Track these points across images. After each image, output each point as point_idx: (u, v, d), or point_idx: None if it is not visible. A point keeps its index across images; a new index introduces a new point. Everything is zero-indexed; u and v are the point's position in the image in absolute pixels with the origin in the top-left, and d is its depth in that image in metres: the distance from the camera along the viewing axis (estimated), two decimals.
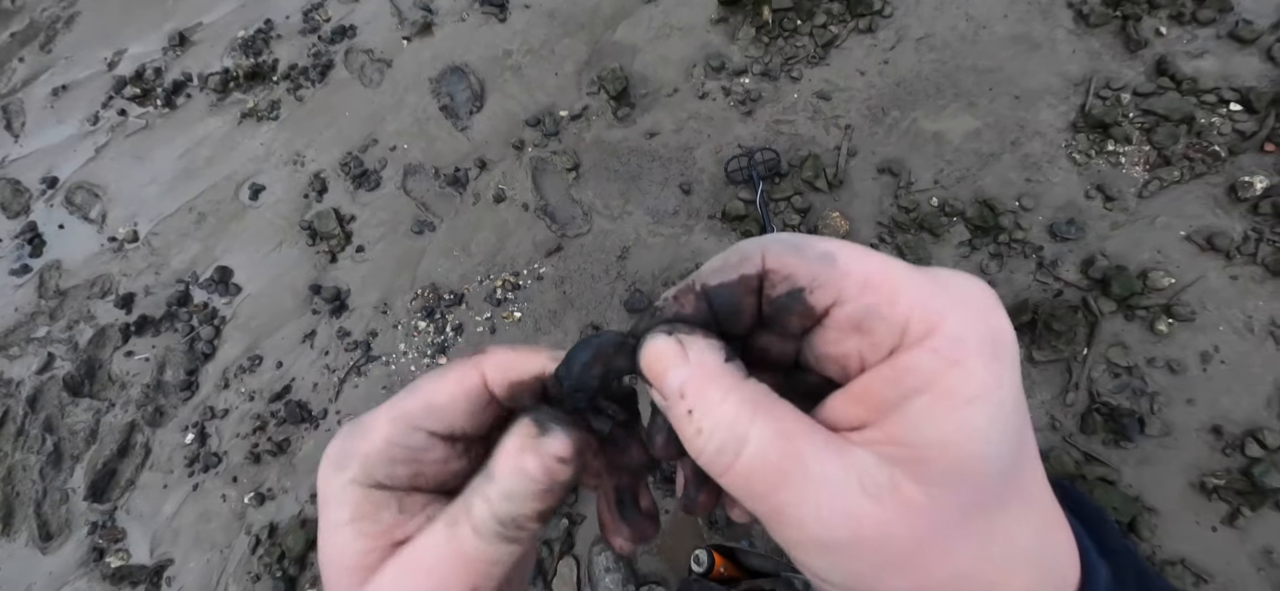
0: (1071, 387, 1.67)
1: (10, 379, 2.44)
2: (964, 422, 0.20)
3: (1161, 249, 1.76)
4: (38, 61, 3.18)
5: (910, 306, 0.21)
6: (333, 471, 0.28)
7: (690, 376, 0.23)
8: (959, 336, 0.20)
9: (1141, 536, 1.50)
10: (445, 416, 0.28)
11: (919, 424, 0.20)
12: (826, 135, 2.14)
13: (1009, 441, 0.21)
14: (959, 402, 0.20)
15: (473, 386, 0.28)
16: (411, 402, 0.28)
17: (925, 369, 0.20)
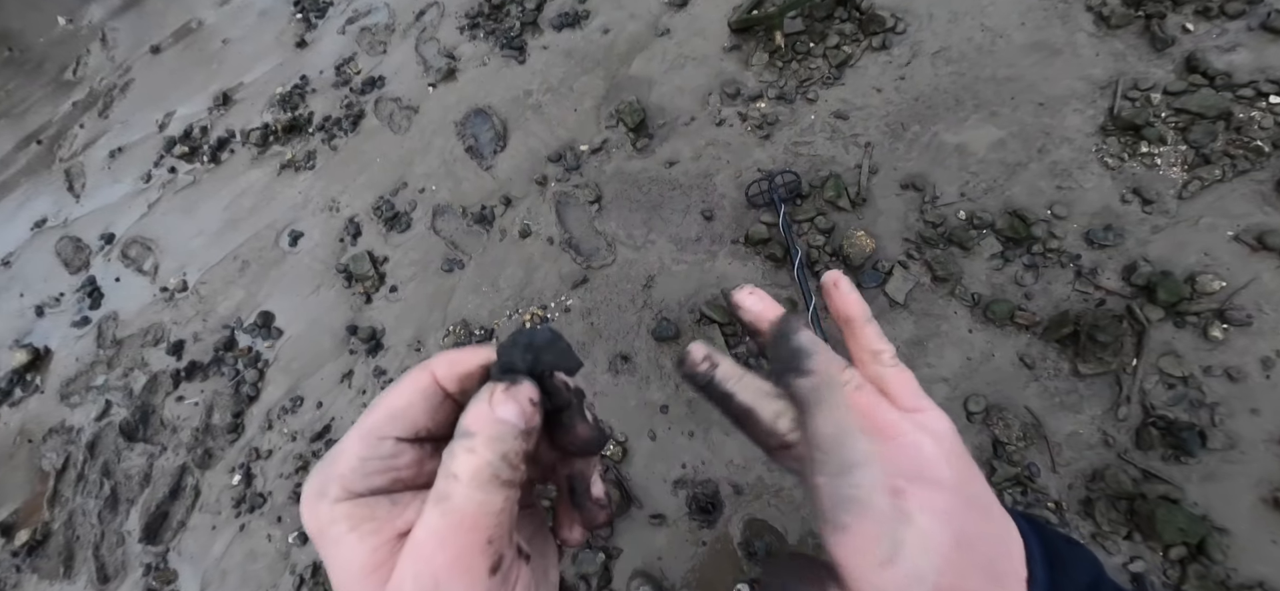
0: (1122, 401, 1.50)
1: (72, 426, 2.43)
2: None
3: (1209, 251, 1.59)
4: (96, 126, 3.23)
5: None
6: (316, 500, 0.28)
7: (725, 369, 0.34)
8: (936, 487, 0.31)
9: (1214, 559, 1.33)
10: (407, 419, 0.29)
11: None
12: (846, 154, 2.02)
13: None
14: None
15: (426, 386, 0.29)
16: (374, 416, 0.29)
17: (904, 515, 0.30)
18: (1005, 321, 1.65)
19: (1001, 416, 1.57)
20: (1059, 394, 1.56)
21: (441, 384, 0.30)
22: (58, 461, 2.38)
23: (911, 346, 1.70)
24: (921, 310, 1.74)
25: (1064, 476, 1.48)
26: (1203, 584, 1.32)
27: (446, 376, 0.30)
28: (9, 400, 2.58)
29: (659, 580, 1.65)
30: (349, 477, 0.27)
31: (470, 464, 0.25)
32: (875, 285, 1.80)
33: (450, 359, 0.31)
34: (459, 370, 0.30)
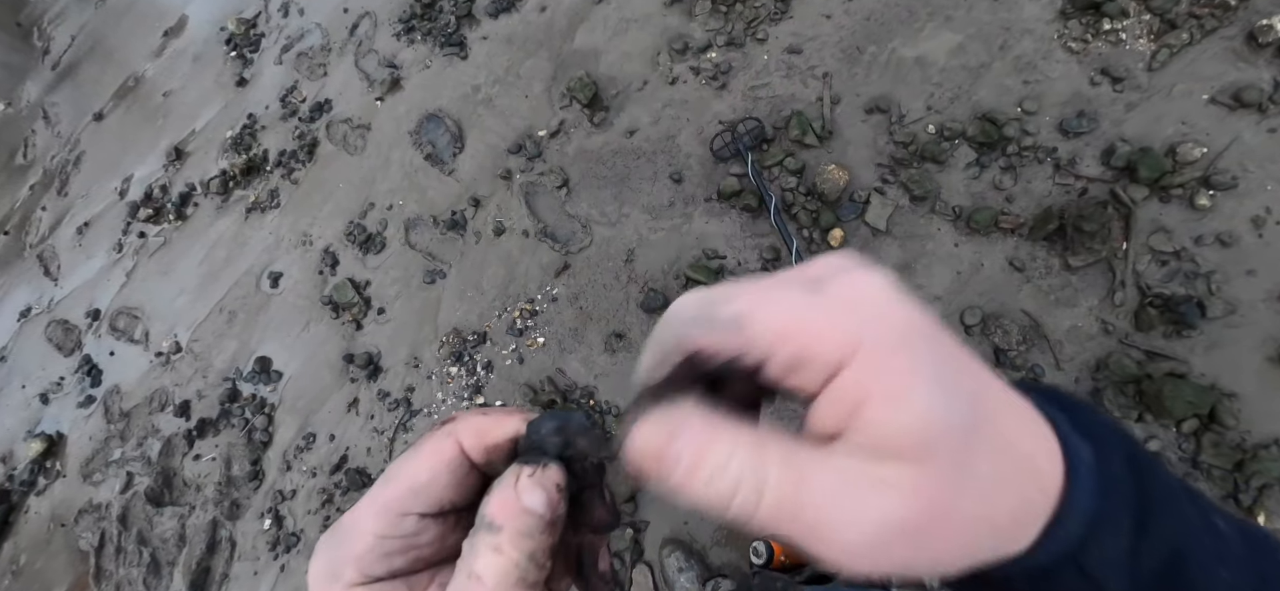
0: (1117, 287, 1.32)
1: (99, 503, 2.19)
2: (912, 409, 0.18)
3: (1186, 119, 1.38)
4: (58, 206, 2.84)
5: (828, 344, 0.19)
6: (327, 585, 0.23)
7: (691, 443, 0.19)
8: (877, 346, 0.19)
9: (1226, 425, 1.18)
10: (431, 495, 0.23)
11: (875, 424, 0.19)
12: (805, 89, 1.76)
13: (956, 398, 0.19)
14: (897, 399, 0.18)
15: (451, 457, 0.24)
16: (393, 490, 0.23)
17: (861, 385, 0.19)
18: (989, 228, 1.45)
19: (999, 324, 1.38)
20: (1053, 291, 1.37)
21: (468, 454, 0.24)
22: (94, 539, 2.15)
23: (899, 271, 1.50)
24: (904, 233, 1.52)
25: (1069, 371, 1.31)
26: (1218, 451, 1.18)
27: (474, 447, 0.24)
28: (35, 490, 2.32)
29: (688, 544, 1.50)
30: (366, 559, 0.22)
31: (496, 565, 0.21)
32: (854, 217, 1.58)
33: (477, 427, 0.24)
34: (487, 442, 0.24)
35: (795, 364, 0.19)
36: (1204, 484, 1.18)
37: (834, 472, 0.19)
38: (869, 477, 0.18)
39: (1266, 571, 0.23)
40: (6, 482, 2.36)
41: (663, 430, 0.20)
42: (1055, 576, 0.21)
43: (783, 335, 0.19)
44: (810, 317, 0.19)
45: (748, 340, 0.20)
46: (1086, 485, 0.21)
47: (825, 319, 0.19)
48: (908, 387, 0.18)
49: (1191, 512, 0.23)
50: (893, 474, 0.18)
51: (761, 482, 0.19)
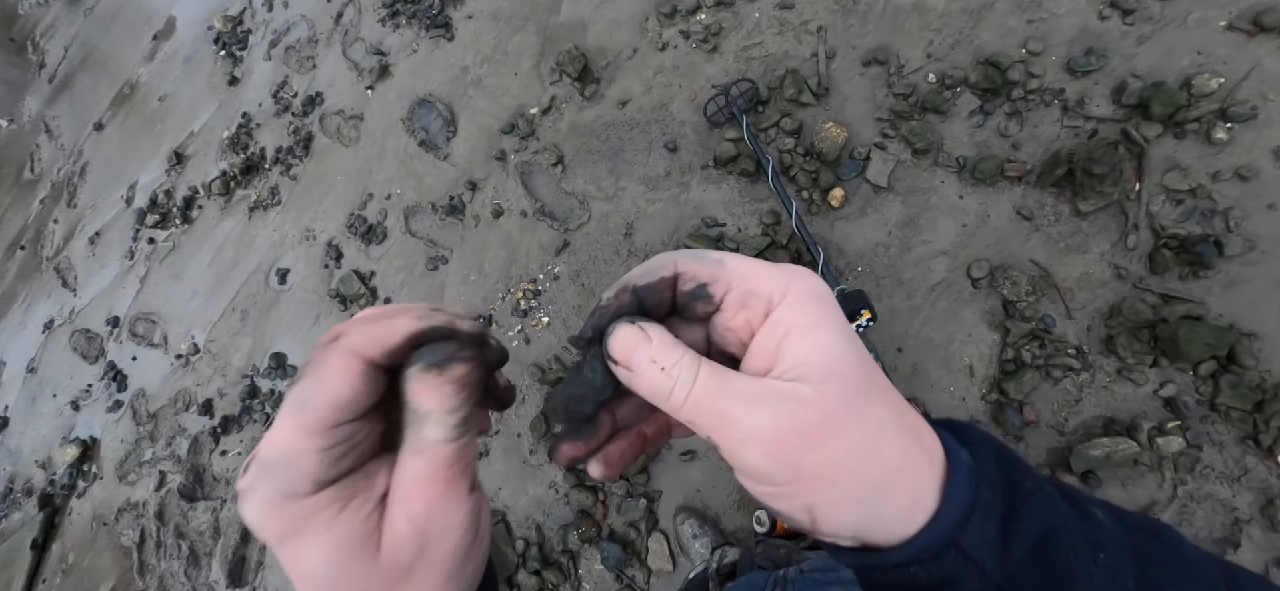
0: (1130, 229, 1.21)
1: (137, 501, 2.17)
2: (817, 340, 0.23)
3: (1202, 48, 1.24)
4: (69, 218, 2.73)
5: (771, 286, 0.25)
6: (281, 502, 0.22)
7: (657, 348, 0.25)
8: (800, 294, 0.24)
9: (1245, 365, 1.09)
10: (356, 405, 0.24)
11: (792, 351, 0.23)
12: (800, 45, 1.61)
13: (852, 349, 0.24)
14: (809, 330, 0.24)
15: (361, 368, 0.24)
16: (315, 410, 0.23)
17: (786, 319, 0.24)
18: (995, 178, 1.33)
19: (1007, 276, 1.28)
20: (1063, 238, 1.26)
21: (373, 362, 0.24)
22: (135, 536, 2.13)
23: (903, 228, 1.39)
24: (907, 188, 1.41)
25: (1081, 319, 1.22)
26: (1237, 392, 1.08)
27: (377, 354, 0.24)
28: (76, 493, 2.30)
29: (702, 511, 1.44)
30: (317, 471, 0.23)
31: (439, 431, 0.24)
32: (854, 176, 1.45)
33: (375, 337, 0.24)
34: (387, 346, 0.24)
35: (747, 298, 0.25)
36: (1222, 426, 1.09)
37: (750, 383, 0.24)
38: (777, 389, 0.23)
39: (1145, 551, 0.24)
40: (49, 487, 2.34)
41: (637, 332, 0.25)
42: (942, 556, 0.23)
43: (743, 275, 0.25)
44: (764, 270, 0.25)
45: (724, 273, 0.26)
46: (963, 477, 0.24)
47: (773, 273, 0.25)
48: (818, 325, 0.24)
49: (1062, 505, 0.25)
50: (797, 388, 0.23)
51: (693, 377, 0.24)
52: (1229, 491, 1.06)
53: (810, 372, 0.23)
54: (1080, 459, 1.12)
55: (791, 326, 0.24)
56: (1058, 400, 1.18)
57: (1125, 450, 1.10)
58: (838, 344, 0.23)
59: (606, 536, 1.44)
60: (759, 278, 0.25)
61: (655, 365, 0.24)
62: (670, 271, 0.26)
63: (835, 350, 0.23)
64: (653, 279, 0.26)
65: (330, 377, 0.23)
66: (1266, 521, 1.03)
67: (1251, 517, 1.04)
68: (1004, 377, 1.22)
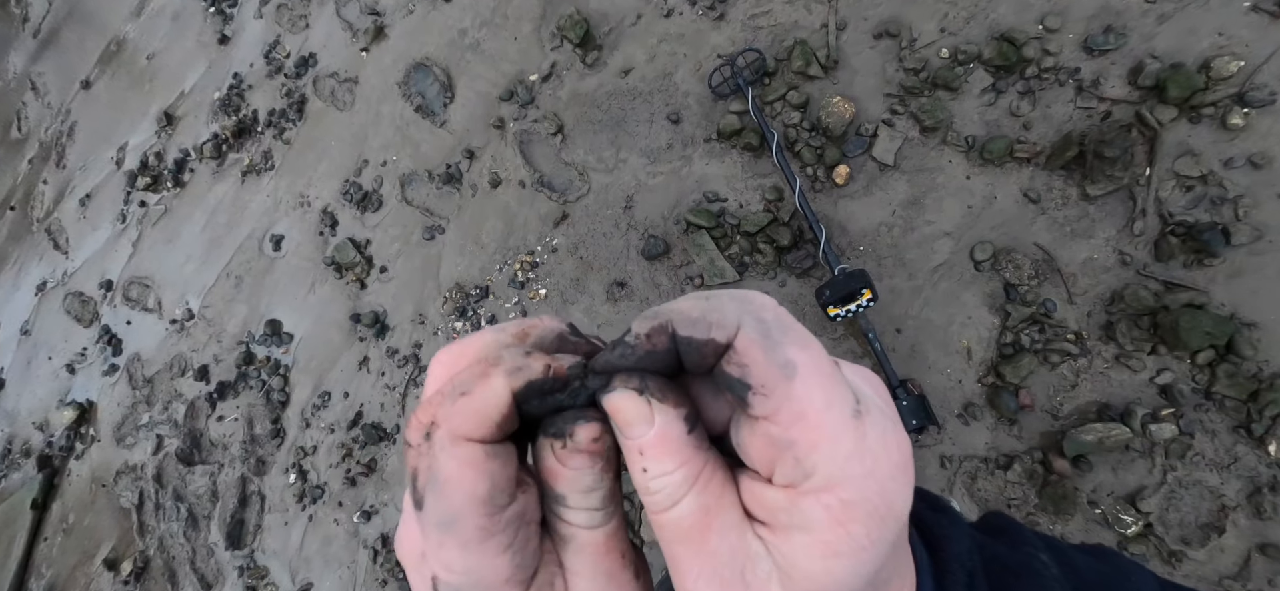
0: (1138, 215, 1.21)
1: (135, 464, 2.22)
2: (830, 569, 0.19)
3: (1223, 29, 1.22)
4: (58, 179, 2.73)
5: (822, 461, 0.18)
6: None
7: (653, 441, 0.20)
8: (851, 502, 0.18)
9: (1243, 355, 1.11)
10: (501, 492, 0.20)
11: (796, 552, 0.19)
12: (809, 15, 1.58)
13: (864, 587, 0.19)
14: (830, 554, 0.19)
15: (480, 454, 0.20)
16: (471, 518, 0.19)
17: (812, 517, 0.19)
18: (1004, 159, 1.33)
19: (1010, 259, 1.29)
20: (1069, 222, 1.27)
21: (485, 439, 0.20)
22: (134, 497, 2.19)
23: (908, 207, 1.40)
24: (913, 167, 1.41)
25: (1082, 305, 1.23)
26: (1233, 382, 1.11)
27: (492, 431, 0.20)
28: (74, 455, 2.36)
29: None
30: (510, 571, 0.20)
31: (581, 518, 0.21)
32: (860, 152, 1.45)
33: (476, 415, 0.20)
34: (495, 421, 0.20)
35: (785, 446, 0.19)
36: (1216, 415, 1.12)
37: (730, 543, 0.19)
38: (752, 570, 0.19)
39: None
40: (47, 449, 2.40)
41: (644, 409, 0.20)
42: None
43: (803, 414, 0.19)
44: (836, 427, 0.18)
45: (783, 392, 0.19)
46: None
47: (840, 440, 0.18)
48: (842, 554, 0.18)
49: None
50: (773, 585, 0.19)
51: (673, 503, 0.20)
52: (1218, 478, 1.09)
53: (798, 585, 0.19)
54: (1073, 443, 1.15)
55: (815, 532, 0.18)
56: (1054, 385, 1.21)
57: (1118, 435, 1.13)
58: (850, 582, 0.19)
59: None
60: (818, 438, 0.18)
61: (641, 460, 0.20)
62: (727, 334, 0.20)
63: (837, 587, 0.19)
64: (702, 335, 0.20)
65: (457, 481, 0.19)
66: (1253, 509, 1.06)
67: (1238, 505, 1.07)
68: (1001, 361, 1.25)
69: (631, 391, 0.20)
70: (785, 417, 0.18)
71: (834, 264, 1.31)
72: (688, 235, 1.59)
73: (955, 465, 1.24)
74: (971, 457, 1.24)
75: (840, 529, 0.18)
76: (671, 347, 0.20)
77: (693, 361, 0.20)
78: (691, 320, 0.20)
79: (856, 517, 0.18)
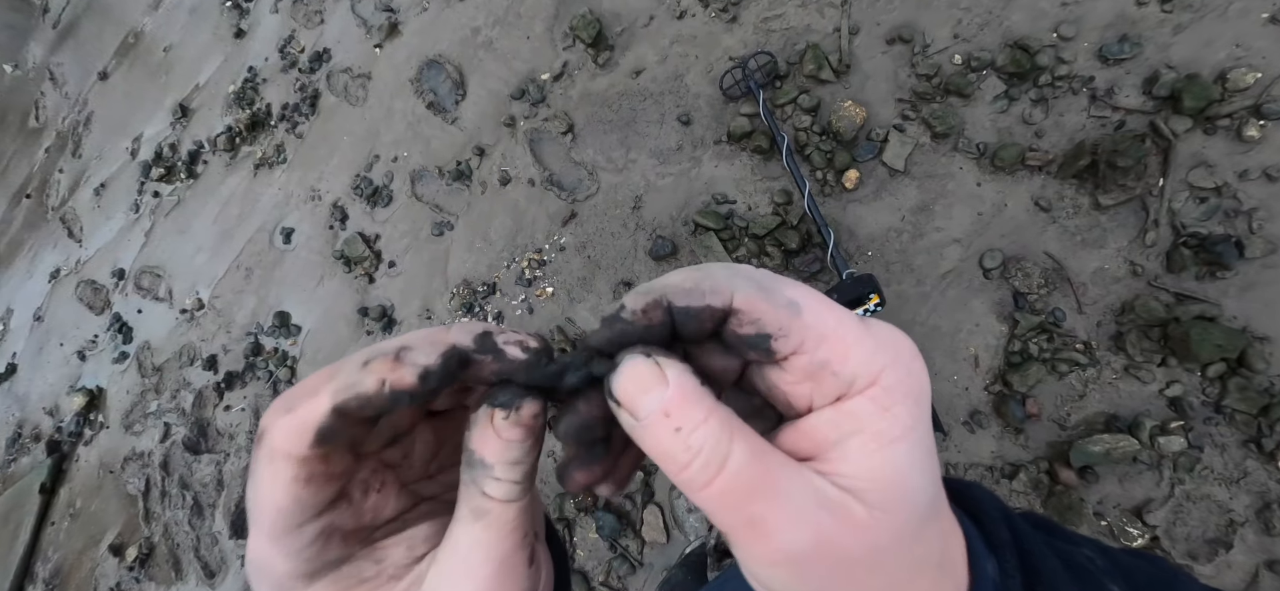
0: (1150, 226, 1.24)
1: (142, 451, 2.31)
2: (892, 458, 0.20)
3: (1240, 41, 1.25)
4: (74, 168, 2.85)
5: (857, 364, 0.20)
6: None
7: (673, 397, 0.20)
8: (890, 387, 0.20)
9: (1255, 369, 1.13)
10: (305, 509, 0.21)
11: (856, 458, 0.20)
12: (822, 19, 1.63)
13: (926, 474, 0.21)
14: (886, 442, 0.20)
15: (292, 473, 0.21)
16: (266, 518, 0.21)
17: (864, 415, 0.20)
18: (1015, 166, 1.36)
19: (1020, 267, 1.32)
20: (1080, 232, 1.30)
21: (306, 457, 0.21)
22: (140, 484, 2.28)
23: (917, 213, 1.43)
24: (924, 173, 1.44)
25: (1091, 315, 1.26)
26: (1244, 396, 1.13)
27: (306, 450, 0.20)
28: (83, 441, 2.45)
29: None
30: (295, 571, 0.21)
31: (501, 490, 0.21)
32: (871, 157, 1.49)
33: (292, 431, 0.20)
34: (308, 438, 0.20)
35: (820, 368, 0.20)
36: (1225, 429, 1.14)
37: (799, 480, 0.20)
38: (828, 498, 0.19)
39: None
40: (56, 434, 2.49)
41: (654, 370, 0.20)
42: None
43: (824, 335, 0.20)
44: (852, 335, 0.20)
45: (798, 325, 0.20)
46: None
47: (864, 345, 0.20)
48: (902, 437, 0.20)
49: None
50: (849, 504, 0.19)
51: (723, 458, 0.19)
52: (1227, 493, 1.11)
53: (871, 492, 0.19)
54: (1080, 453, 1.18)
55: (867, 428, 0.20)
56: (1062, 394, 1.24)
57: (1125, 447, 1.15)
58: (915, 467, 0.20)
59: (602, 506, 1.53)
60: (844, 347, 0.20)
61: (669, 422, 0.19)
62: (723, 299, 0.21)
63: (911, 476, 0.20)
64: (698, 303, 0.21)
65: (266, 489, 0.21)
66: (1262, 524, 1.08)
67: (1247, 520, 1.09)
68: (1009, 369, 1.27)
69: (637, 355, 0.20)
70: (811, 344, 0.20)
71: (842, 268, 1.35)
72: (696, 236, 1.63)
73: (960, 473, 1.27)
74: (977, 466, 1.27)
75: (887, 414, 0.20)
76: (666, 320, 0.21)
77: (691, 330, 0.21)
78: (686, 290, 0.21)
79: (897, 398, 0.20)
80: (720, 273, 0.21)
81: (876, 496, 0.19)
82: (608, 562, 1.51)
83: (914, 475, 0.20)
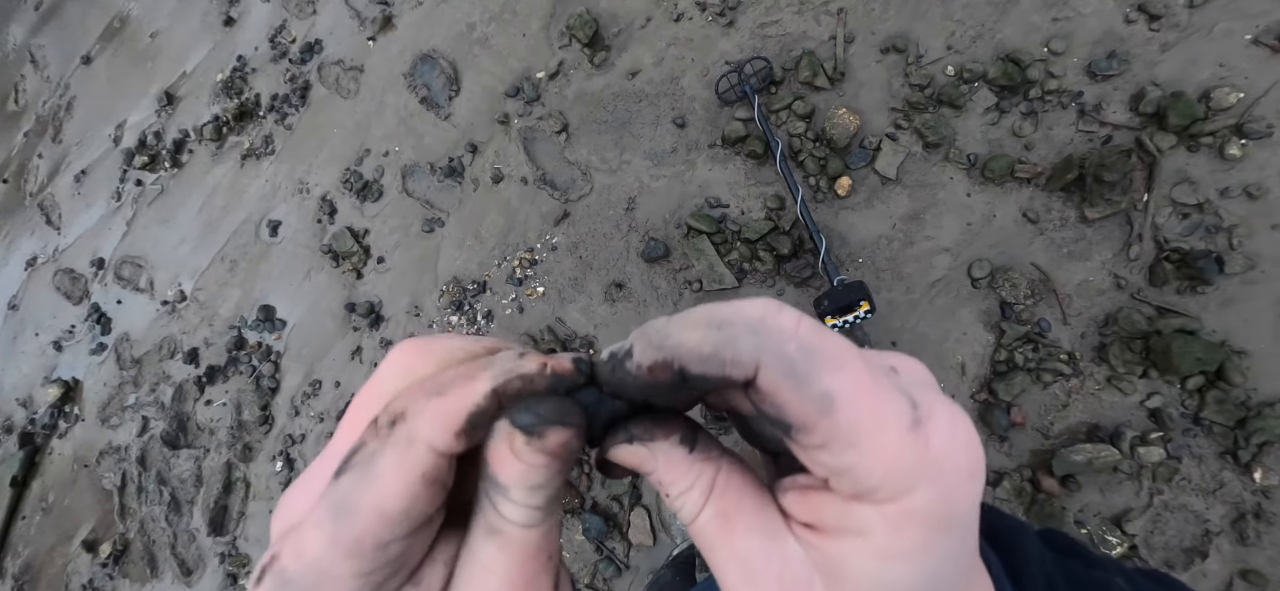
0: (1134, 239, 1.28)
1: (119, 445, 2.29)
2: (882, 573, 0.19)
3: (1224, 61, 1.30)
4: (54, 154, 2.82)
5: (884, 476, 0.18)
6: None
7: (661, 472, 0.22)
8: (913, 510, 0.18)
9: (1233, 382, 1.17)
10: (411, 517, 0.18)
11: (848, 556, 0.19)
12: (818, 26, 1.67)
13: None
14: (886, 559, 0.18)
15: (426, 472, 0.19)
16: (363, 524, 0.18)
17: (870, 524, 0.18)
18: (1005, 178, 1.40)
19: (1007, 277, 1.36)
20: (1067, 244, 1.34)
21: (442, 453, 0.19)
22: (116, 479, 2.26)
23: (907, 221, 1.47)
24: (915, 181, 1.48)
25: (1076, 326, 1.30)
26: (1221, 408, 1.17)
27: (454, 443, 0.19)
28: (57, 433, 2.43)
29: None
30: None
31: (518, 515, 0.20)
32: (863, 164, 1.53)
33: (447, 416, 0.19)
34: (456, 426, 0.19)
35: (840, 472, 0.18)
36: (1203, 440, 1.18)
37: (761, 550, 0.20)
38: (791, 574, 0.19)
39: None
40: (30, 426, 2.47)
41: (640, 453, 0.22)
42: None
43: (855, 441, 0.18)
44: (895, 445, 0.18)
45: (828, 425, 0.18)
46: None
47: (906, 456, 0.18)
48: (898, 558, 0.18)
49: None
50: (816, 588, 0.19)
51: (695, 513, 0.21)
52: (1203, 504, 1.15)
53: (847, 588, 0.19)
54: (1062, 462, 1.22)
55: (870, 537, 0.18)
56: (1046, 404, 1.27)
57: (1107, 457, 1.19)
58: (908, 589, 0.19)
59: (589, 507, 1.55)
60: (877, 460, 0.18)
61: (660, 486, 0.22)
62: (744, 373, 0.19)
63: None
64: (715, 373, 0.19)
65: (384, 481, 0.18)
66: (1236, 535, 1.12)
67: (1222, 530, 1.13)
68: (995, 378, 1.31)
69: (623, 444, 0.22)
70: (837, 447, 0.18)
71: (833, 274, 1.38)
72: (688, 239, 1.66)
73: None
74: None
75: (897, 534, 0.18)
76: (675, 381, 0.20)
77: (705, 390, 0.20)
78: (702, 358, 0.19)
79: (915, 523, 0.18)
80: (744, 338, 0.19)
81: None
82: (593, 564, 1.52)
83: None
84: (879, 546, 0.18)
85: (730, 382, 0.19)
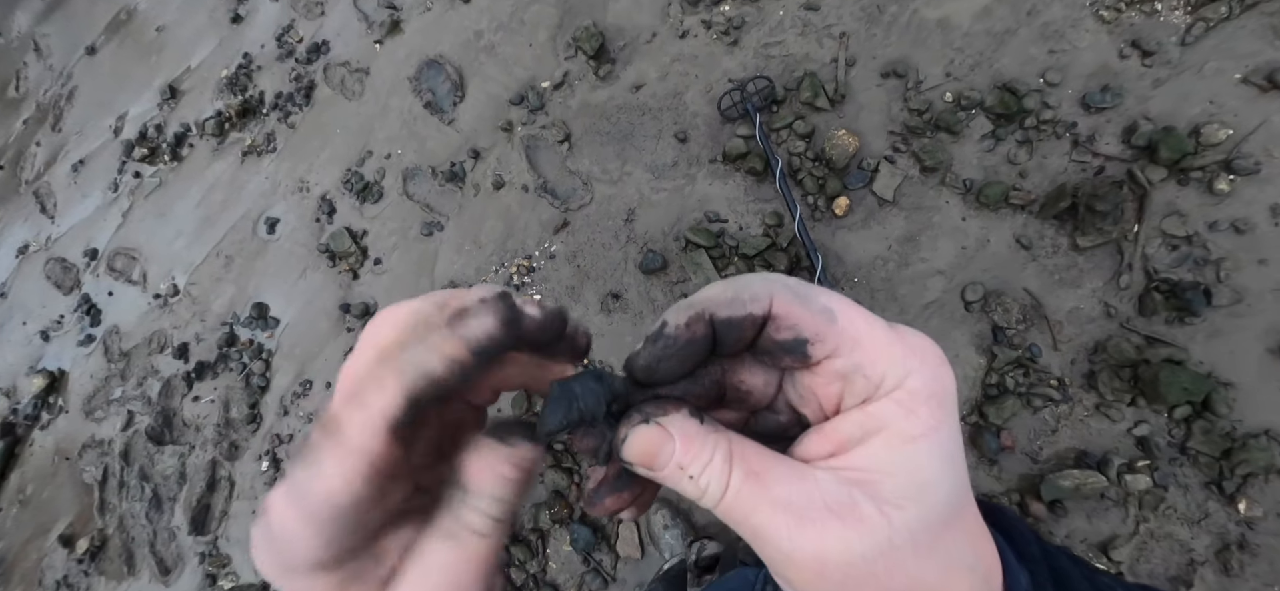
0: (1124, 269, 1.32)
1: (102, 439, 2.28)
2: (911, 455, 0.21)
3: (1214, 98, 1.35)
4: (52, 142, 2.85)
5: (887, 367, 0.22)
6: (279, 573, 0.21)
7: (681, 449, 0.23)
8: (915, 391, 0.21)
9: (1218, 413, 1.20)
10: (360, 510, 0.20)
11: (875, 452, 0.21)
12: (821, 49, 1.72)
13: (949, 471, 0.22)
14: (907, 439, 0.21)
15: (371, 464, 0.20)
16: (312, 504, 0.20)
17: (887, 415, 0.21)
18: (999, 204, 1.44)
19: (1000, 301, 1.39)
20: (1058, 271, 1.37)
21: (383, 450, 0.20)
22: (98, 473, 2.25)
23: (903, 243, 1.50)
24: (912, 204, 1.52)
25: (1066, 352, 1.33)
26: (1207, 438, 1.20)
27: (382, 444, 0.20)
28: (39, 424, 2.42)
29: (675, 502, 1.56)
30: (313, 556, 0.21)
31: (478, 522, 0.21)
32: (861, 186, 1.57)
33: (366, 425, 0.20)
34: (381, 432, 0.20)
35: (852, 371, 0.22)
36: (1189, 470, 1.21)
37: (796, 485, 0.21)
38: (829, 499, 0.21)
39: None
40: (11, 416, 2.46)
41: (658, 436, 0.23)
42: None
43: (858, 340, 0.22)
44: (883, 341, 0.22)
45: (833, 332, 0.22)
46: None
47: (894, 349, 0.22)
48: (923, 436, 0.21)
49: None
50: (856, 499, 0.21)
51: (723, 488, 0.22)
52: (1188, 533, 1.17)
53: (884, 485, 0.21)
54: (1050, 487, 1.24)
55: (889, 427, 0.21)
56: (1035, 428, 1.30)
57: (1094, 483, 1.21)
58: (934, 464, 0.21)
59: (577, 519, 1.55)
60: (876, 352, 0.22)
61: (682, 471, 0.22)
62: (763, 306, 0.23)
63: (928, 472, 0.21)
64: (740, 312, 0.23)
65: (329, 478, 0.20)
66: (1220, 565, 1.15)
67: (1206, 560, 1.16)
68: (985, 402, 1.34)
69: (642, 426, 0.23)
70: (846, 348, 0.22)
71: None
72: (686, 253, 1.69)
73: None
74: None
75: (911, 415, 0.21)
76: (708, 333, 0.23)
77: (732, 340, 0.23)
78: (727, 301, 0.23)
79: (922, 401, 0.21)
80: (756, 281, 0.23)
81: (891, 490, 0.21)
82: (580, 577, 1.53)
83: (931, 471, 0.21)
84: (901, 431, 0.21)
85: (753, 320, 0.23)
